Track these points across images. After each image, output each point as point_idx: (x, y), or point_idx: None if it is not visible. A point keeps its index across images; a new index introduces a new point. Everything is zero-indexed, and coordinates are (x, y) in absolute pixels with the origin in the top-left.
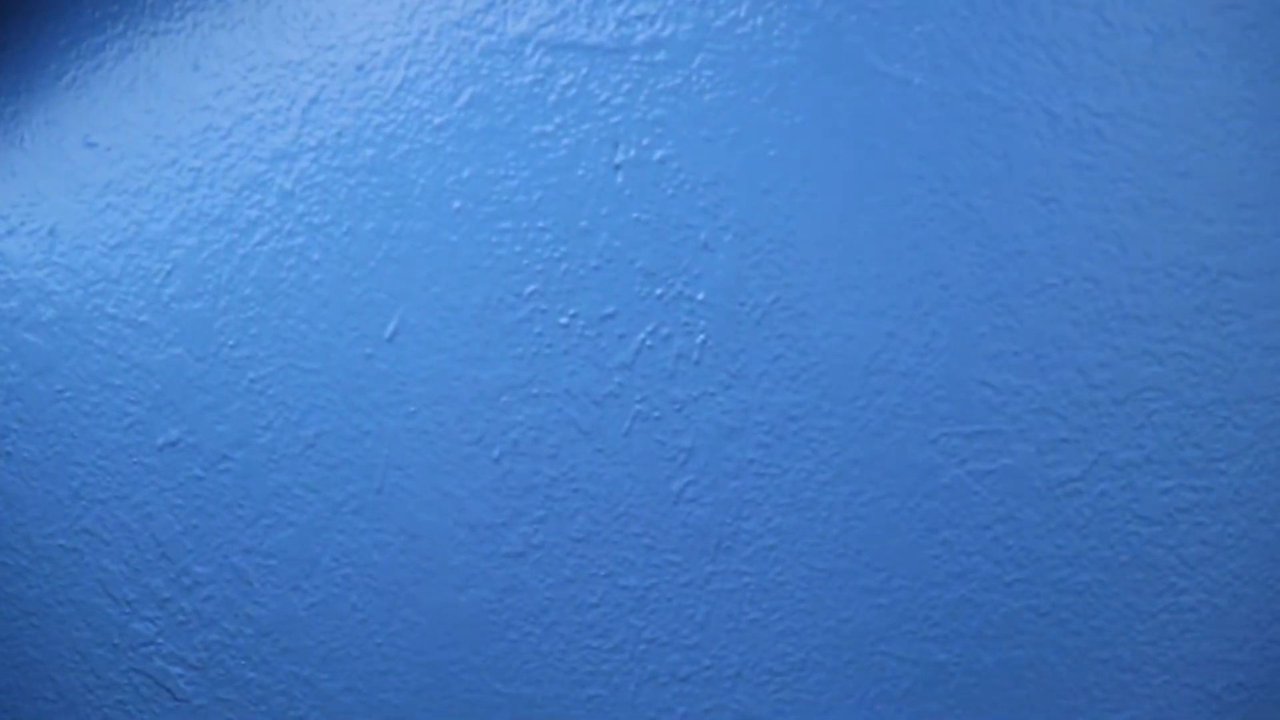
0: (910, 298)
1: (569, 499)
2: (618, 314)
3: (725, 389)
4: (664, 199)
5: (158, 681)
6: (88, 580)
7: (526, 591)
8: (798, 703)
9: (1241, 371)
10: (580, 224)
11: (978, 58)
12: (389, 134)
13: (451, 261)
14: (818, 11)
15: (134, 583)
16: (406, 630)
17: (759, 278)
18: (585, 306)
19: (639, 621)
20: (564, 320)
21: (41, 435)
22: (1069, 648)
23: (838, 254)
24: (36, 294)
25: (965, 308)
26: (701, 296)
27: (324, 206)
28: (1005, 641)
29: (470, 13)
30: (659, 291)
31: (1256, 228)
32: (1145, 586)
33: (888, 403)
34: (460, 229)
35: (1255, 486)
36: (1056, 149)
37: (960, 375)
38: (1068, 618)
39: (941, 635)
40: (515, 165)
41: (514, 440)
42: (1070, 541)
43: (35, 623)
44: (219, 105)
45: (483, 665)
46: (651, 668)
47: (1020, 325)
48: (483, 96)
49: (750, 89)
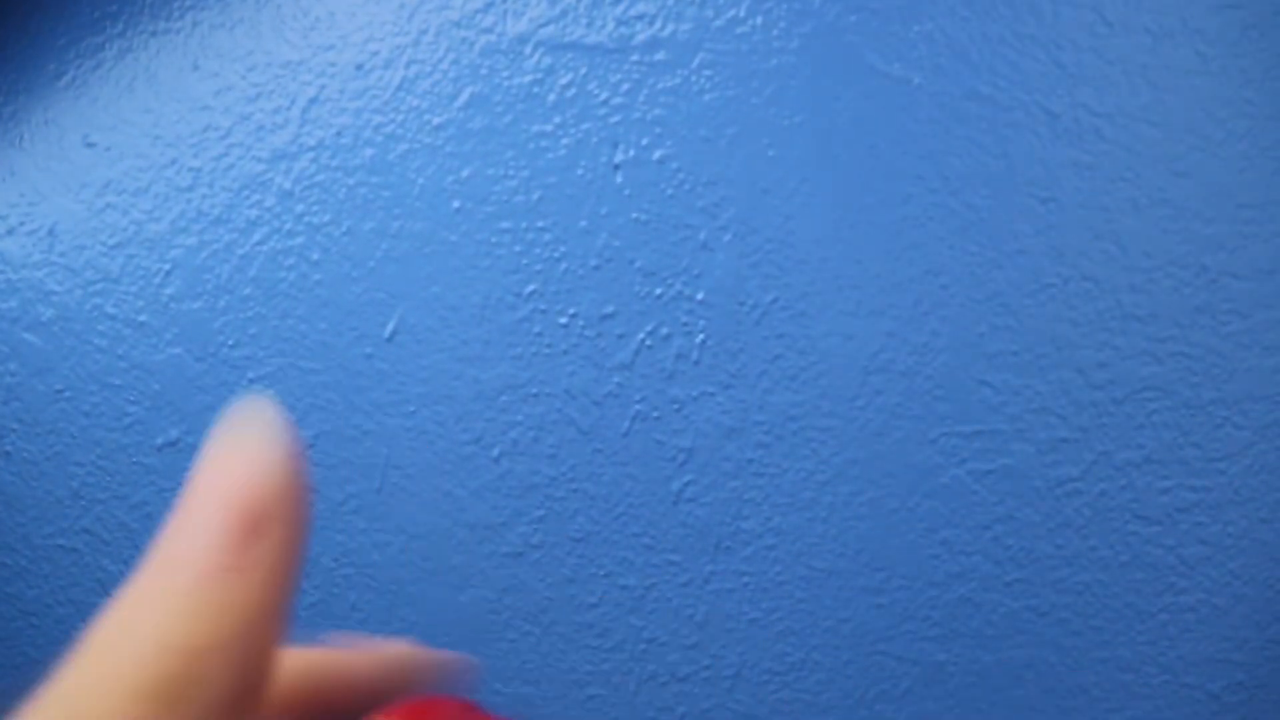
0: (909, 297)
1: (568, 499)
2: (617, 314)
3: (724, 389)
4: (663, 199)
5: None
6: (87, 580)
7: (526, 591)
8: (797, 702)
9: (1241, 371)
10: (580, 224)
11: (977, 58)
12: (388, 134)
13: (451, 261)
14: (817, 11)
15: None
16: (406, 629)
17: (758, 277)
18: (584, 306)
19: (638, 621)
20: (563, 320)
21: (41, 435)
22: (1068, 647)
23: (837, 254)
24: (35, 294)
25: (964, 307)
26: (701, 296)
27: (323, 206)
28: (1005, 641)
29: (469, 13)
30: (658, 291)
31: (1257, 227)
32: (1145, 586)
33: (887, 402)
34: (460, 228)
35: (1255, 486)
36: (1056, 149)
37: (959, 375)
38: (1067, 617)
39: (941, 635)
40: (515, 165)
41: (513, 440)
42: (1070, 541)
43: (35, 623)
44: (218, 105)
45: (482, 665)
46: (651, 667)
47: (1019, 325)
48: (482, 96)
49: (750, 89)
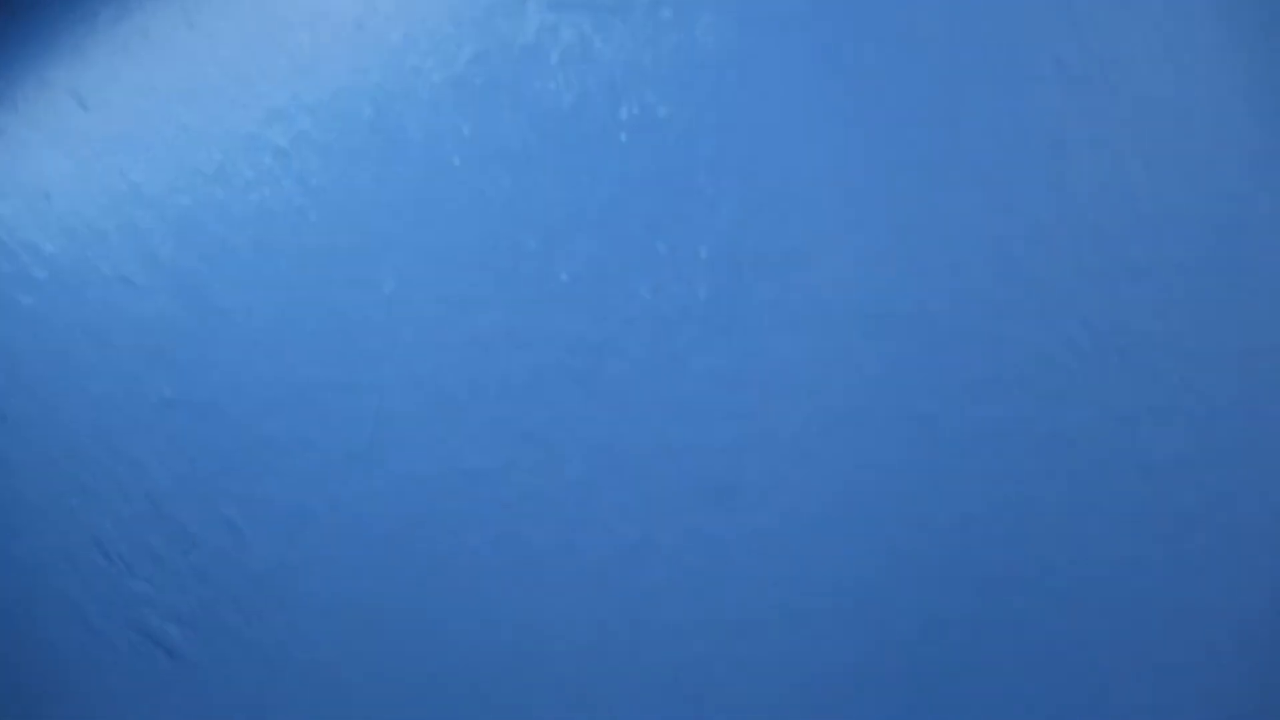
0: (913, 244)
1: (566, 445)
2: (618, 267)
3: (725, 336)
4: (666, 153)
5: (154, 640)
6: (82, 538)
7: (521, 540)
8: (795, 653)
9: (1250, 323)
10: (582, 179)
11: (985, 2)
12: (388, 91)
13: (450, 217)
14: None
15: (128, 540)
16: (400, 579)
17: (761, 227)
18: (585, 260)
19: (635, 571)
20: (564, 277)
21: (35, 395)
22: (1070, 598)
23: (841, 202)
24: (31, 255)
25: (968, 256)
26: (704, 252)
27: (321, 165)
28: (1006, 592)
29: None
30: (660, 246)
31: (1266, 176)
32: (1147, 537)
33: (888, 349)
34: (460, 184)
35: (1260, 438)
36: (1065, 97)
37: (962, 324)
38: (1068, 568)
39: (941, 586)
40: (516, 123)
41: (511, 388)
42: (1072, 492)
43: (29, 581)
44: (214, 63)
45: (476, 613)
46: (648, 616)
47: (1024, 273)
48: (484, 53)
49: (754, 42)
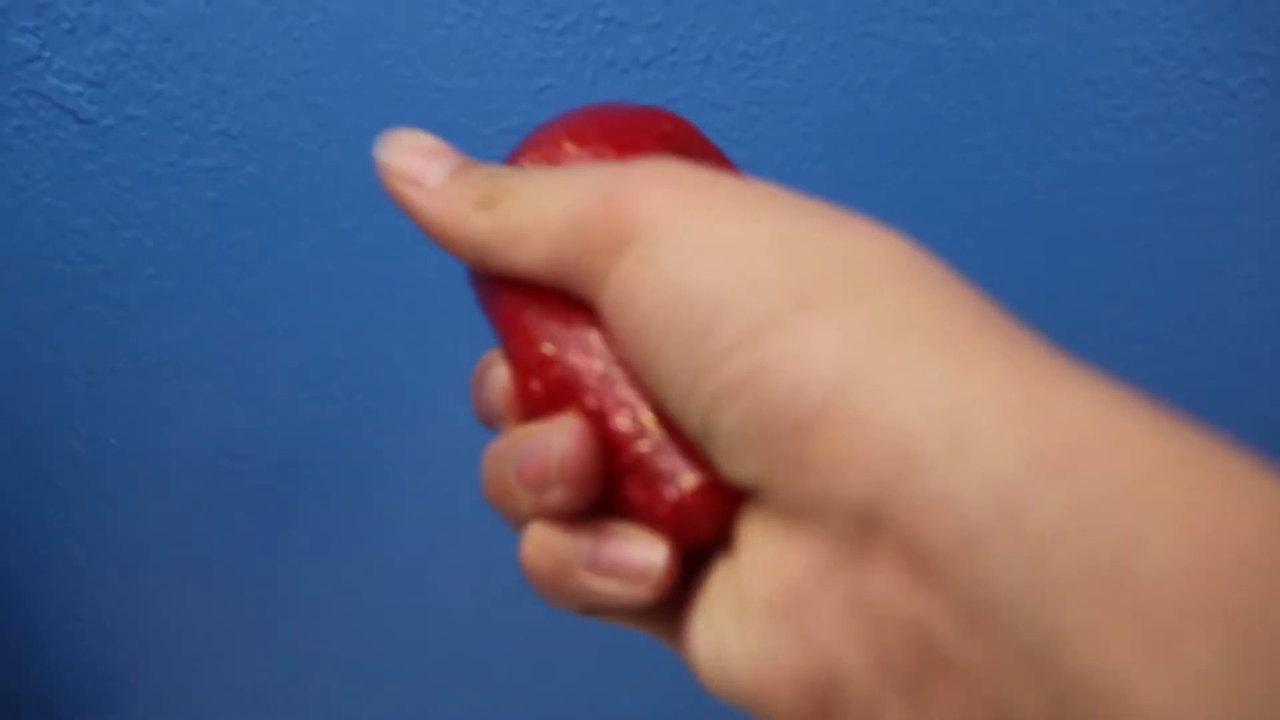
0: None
1: None
2: None
3: None
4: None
5: (56, 103)
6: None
7: None
8: (774, 90)
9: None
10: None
11: None
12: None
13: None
14: None
15: None
16: (327, 21)
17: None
18: None
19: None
20: None
21: None
22: (1081, 33)
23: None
24: None
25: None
26: None
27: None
28: (1009, 24)
29: None
30: None
31: None
32: None
33: None
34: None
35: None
36: None
37: None
38: None
39: (939, 15)
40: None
41: None
42: None
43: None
44: None
45: (417, 56)
46: (610, 52)
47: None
48: None
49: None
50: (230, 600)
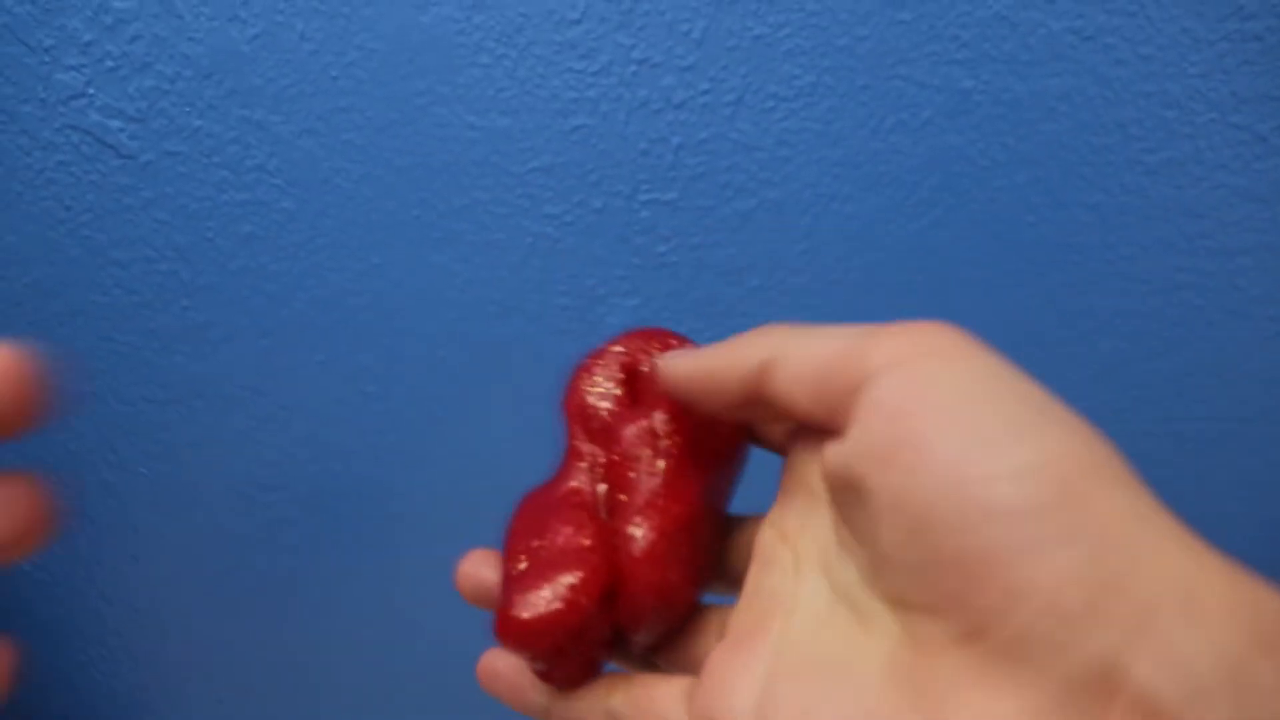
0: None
1: None
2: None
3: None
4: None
5: (98, 138)
6: None
7: (499, 6)
8: (805, 131)
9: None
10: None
11: None
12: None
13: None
14: None
15: (47, 25)
16: (364, 60)
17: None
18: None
19: (627, 40)
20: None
21: None
22: (1111, 78)
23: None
24: None
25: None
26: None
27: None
28: (1040, 68)
29: None
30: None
31: None
32: (1206, 8)
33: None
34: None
35: None
36: None
37: None
38: (1114, 43)
39: (969, 59)
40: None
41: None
42: None
43: None
44: None
45: (452, 95)
46: (643, 93)
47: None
48: None
49: None
50: (257, 630)
